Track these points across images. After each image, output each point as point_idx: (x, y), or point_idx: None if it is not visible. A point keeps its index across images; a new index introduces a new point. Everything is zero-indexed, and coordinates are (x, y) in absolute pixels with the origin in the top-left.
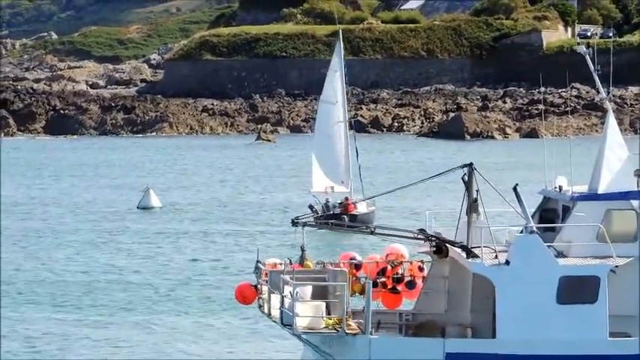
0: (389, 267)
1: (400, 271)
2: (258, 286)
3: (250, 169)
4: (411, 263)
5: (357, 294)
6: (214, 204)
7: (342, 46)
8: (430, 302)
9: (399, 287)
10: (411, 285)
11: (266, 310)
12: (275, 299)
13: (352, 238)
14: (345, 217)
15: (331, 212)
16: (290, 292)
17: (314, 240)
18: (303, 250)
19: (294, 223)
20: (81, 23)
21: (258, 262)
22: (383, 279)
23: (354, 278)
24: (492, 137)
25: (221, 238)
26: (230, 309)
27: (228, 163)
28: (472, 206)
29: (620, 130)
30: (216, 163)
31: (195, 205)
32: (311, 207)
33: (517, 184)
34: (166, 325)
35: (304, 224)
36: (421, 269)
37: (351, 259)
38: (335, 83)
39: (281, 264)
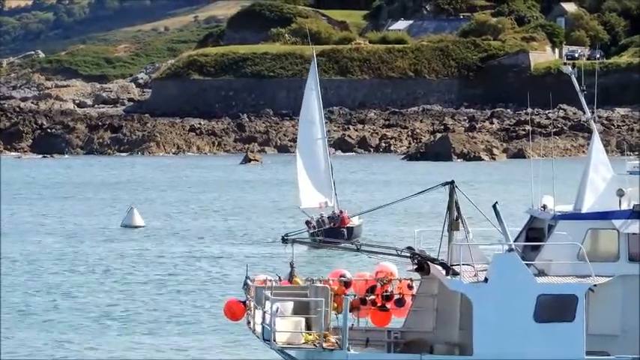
0: (378, 285)
1: (390, 289)
2: (247, 302)
3: (237, 188)
4: (400, 281)
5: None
6: (200, 223)
7: (316, 64)
8: (419, 320)
9: (388, 305)
10: (400, 303)
11: (252, 327)
12: (259, 315)
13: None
14: (344, 230)
15: (329, 227)
16: (270, 308)
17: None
18: (292, 266)
19: (285, 240)
20: (68, 42)
21: (247, 278)
22: (372, 297)
23: (343, 296)
24: (479, 158)
25: (208, 256)
26: (217, 329)
27: (214, 182)
28: (453, 224)
29: (607, 151)
30: (203, 182)
31: (180, 224)
32: (308, 223)
33: (497, 202)
34: (150, 344)
35: (294, 241)
36: (410, 287)
37: (340, 276)
38: (312, 102)
39: (270, 280)
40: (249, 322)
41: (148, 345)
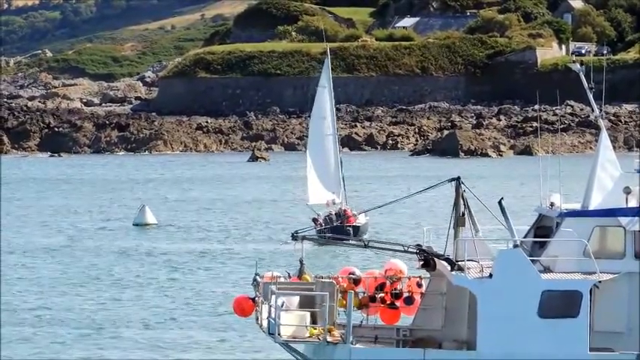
0: (388, 282)
1: (399, 287)
2: (256, 298)
3: (245, 186)
4: (409, 279)
5: (354, 308)
6: (211, 221)
7: (329, 62)
8: (427, 318)
9: (398, 303)
10: (409, 301)
11: (259, 322)
12: (265, 310)
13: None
14: (350, 228)
15: (335, 225)
16: (275, 302)
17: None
18: (301, 263)
19: (294, 237)
20: (75, 41)
21: (256, 274)
22: (381, 294)
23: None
24: (487, 155)
25: (219, 253)
26: (226, 326)
27: (223, 179)
28: (459, 220)
29: (615, 147)
30: (212, 180)
31: (193, 222)
32: (315, 220)
33: (502, 198)
34: (159, 343)
35: (303, 238)
36: (419, 285)
37: (350, 274)
38: (324, 99)
39: (279, 277)
40: (257, 319)
41: (150, 343)
